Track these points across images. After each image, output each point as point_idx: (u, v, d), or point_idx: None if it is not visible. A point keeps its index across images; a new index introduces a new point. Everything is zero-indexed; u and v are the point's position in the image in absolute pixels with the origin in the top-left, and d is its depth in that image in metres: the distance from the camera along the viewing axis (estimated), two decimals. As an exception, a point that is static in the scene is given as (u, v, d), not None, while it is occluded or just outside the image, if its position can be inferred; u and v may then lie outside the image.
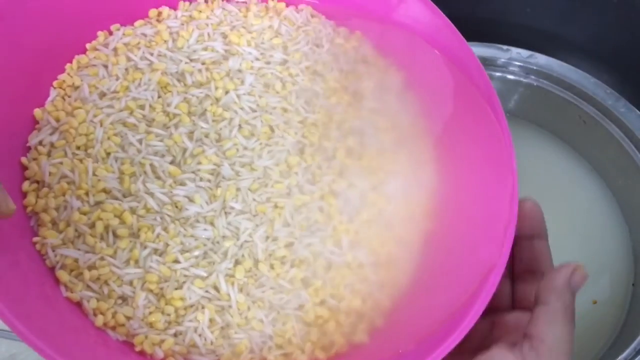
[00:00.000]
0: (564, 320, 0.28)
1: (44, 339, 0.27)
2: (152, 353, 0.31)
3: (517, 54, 0.57)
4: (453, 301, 0.32)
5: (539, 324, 0.29)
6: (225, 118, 0.38)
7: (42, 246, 0.33)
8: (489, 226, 0.33)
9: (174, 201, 0.35)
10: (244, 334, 0.33)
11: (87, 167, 0.35)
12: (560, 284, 0.29)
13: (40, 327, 0.28)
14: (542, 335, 0.28)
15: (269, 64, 0.41)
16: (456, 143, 0.38)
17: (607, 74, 0.56)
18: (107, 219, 0.34)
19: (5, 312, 0.27)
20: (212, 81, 0.39)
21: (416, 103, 0.40)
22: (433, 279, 0.35)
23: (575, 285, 0.29)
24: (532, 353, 0.28)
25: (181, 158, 0.37)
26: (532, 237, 0.33)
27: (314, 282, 0.34)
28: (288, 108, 0.39)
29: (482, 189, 0.35)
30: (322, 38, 0.42)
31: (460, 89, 0.38)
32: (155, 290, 0.33)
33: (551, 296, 0.29)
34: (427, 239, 0.36)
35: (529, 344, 0.28)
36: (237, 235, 0.35)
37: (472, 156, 0.37)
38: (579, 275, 0.29)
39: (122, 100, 0.37)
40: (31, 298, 0.30)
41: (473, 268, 0.33)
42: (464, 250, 0.34)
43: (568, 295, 0.29)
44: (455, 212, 0.36)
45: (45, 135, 0.36)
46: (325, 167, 0.38)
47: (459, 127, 0.38)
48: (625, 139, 0.53)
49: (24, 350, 0.47)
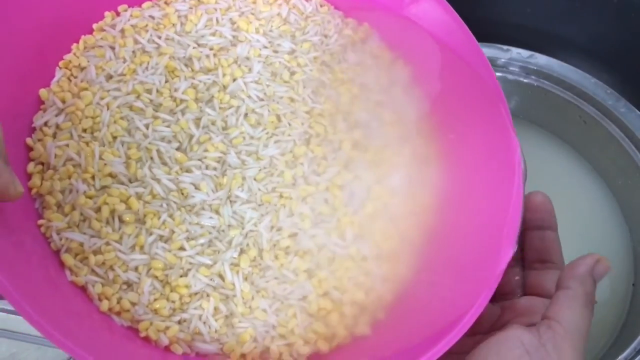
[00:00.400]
0: (583, 305, 0.29)
1: (49, 320, 0.27)
2: (157, 339, 0.32)
3: (518, 54, 0.58)
4: (456, 296, 0.32)
5: (559, 307, 0.29)
6: (232, 106, 0.38)
7: (47, 229, 0.33)
8: (493, 221, 0.33)
9: (180, 188, 0.35)
10: (248, 323, 0.33)
11: (93, 150, 0.34)
12: (584, 271, 0.30)
13: (45, 308, 0.28)
14: (560, 317, 0.29)
15: (277, 52, 0.41)
16: (461, 138, 0.38)
17: (607, 74, 0.57)
18: (113, 203, 0.33)
19: (11, 291, 0.27)
20: (219, 67, 0.39)
21: (422, 97, 0.41)
22: (436, 273, 0.35)
23: (598, 274, 0.30)
24: (549, 332, 0.28)
25: (187, 144, 0.36)
26: (542, 228, 0.34)
27: (318, 273, 0.35)
28: (295, 98, 0.39)
29: (486, 184, 0.36)
30: (331, 29, 0.42)
31: (467, 85, 0.38)
32: (160, 277, 0.33)
33: (574, 282, 0.29)
34: (430, 233, 0.37)
35: (547, 324, 0.29)
36: (242, 225, 0.35)
37: (477, 152, 0.37)
38: (603, 265, 0.30)
39: (129, 83, 0.37)
40: (36, 279, 0.30)
41: (476, 263, 0.33)
42: (467, 244, 0.35)
43: (590, 283, 0.29)
44: (459, 207, 0.37)
45: (50, 116, 0.35)
46: (331, 159, 0.38)
47: (464, 122, 0.38)
48: (626, 139, 0.53)
49: (24, 349, 0.47)
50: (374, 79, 0.41)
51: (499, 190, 0.34)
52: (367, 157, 0.38)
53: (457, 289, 0.33)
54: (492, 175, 0.35)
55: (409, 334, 0.32)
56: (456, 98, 0.39)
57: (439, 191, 0.38)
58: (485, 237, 0.34)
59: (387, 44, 0.43)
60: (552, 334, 0.28)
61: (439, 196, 0.38)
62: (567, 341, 0.28)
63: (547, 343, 0.28)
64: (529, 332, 0.29)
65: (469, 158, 0.37)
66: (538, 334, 0.29)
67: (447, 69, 0.39)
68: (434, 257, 0.36)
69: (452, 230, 0.36)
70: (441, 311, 0.32)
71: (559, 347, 0.28)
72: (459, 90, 0.39)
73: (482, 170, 0.36)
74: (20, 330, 0.47)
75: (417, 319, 0.34)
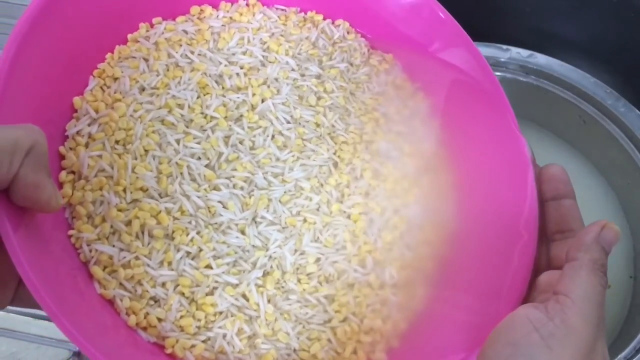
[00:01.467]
0: (591, 273, 0.28)
1: (76, 325, 0.27)
2: (183, 357, 0.32)
3: (517, 54, 0.58)
4: (467, 328, 0.34)
5: (566, 280, 0.29)
6: (260, 126, 0.39)
7: (77, 240, 0.33)
8: (506, 255, 0.35)
9: (208, 206, 0.35)
10: (270, 344, 0.34)
11: (126, 163, 0.35)
12: (589, 239, 0.29)
13: (72, 314, 0.28)
14: (566, 290, 0.28)
15: (304, 76, 0.42)
16: (477, 172, 0.40)
17: (607, 73, 0.56)
18: (143, 218, 0.34)
19: (46, 300, 0.27)
20: (249, 87, 0.39)
21: (440, 129, 0.42)
22: (448, 303, 0.37)
23: (606, 241, 0.29)
24: (556, 306, 0.28)
25: (216, 162, 0.37)
26: (558, 197, 0.34)
27: (339, 299, 0.36)
28: (320, 123, 0.40)
29: (501, 216, 0.37)
30: (357, 57, 0.43)
31: (485, 119, 0.40)
32: (187, 294, 0.33)
33: (579, 252, 0.29)
34: (445, 263, 0.38)
35: (555, 299, 0.28)
36: (267, 246, 0.36)
37: (492, 185, 0.39)
38: (610, 231, 0.29)
39: (162, 97, 0.37)
40: (64, 287, 0.30)
41: (488, 300, 0.35)
42: (480, 278, 0.36)
43: (597, 250, 0.29)
44: (473, 238, 0.38)
45: (83, 125, 0.35)
46: (353, 186, 0.39)
47: (480, 156, 0.40)
48: (625, 139, 0.53)
49: (23, 348, 0.47)
50: (396, 110, 0.42)
51: (513, 224, 0.35)
52: (387, 186, 0.40)
53: (468, 322, 0.34)
54: (506, 208, 0.37)
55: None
56: (472, 130, 0.40)
57: (454, 222, 0.39)
58: (498, 271, 0.35)
59: (408, 75, 0.44)
60: (560, 307, 0.28)
61: (454, 226, 0.39)
62: (576, 312, 0.27)
63: (555, 317, 0.28)
64: (536, 308, 0.29)
65: (484, 189, 0.39)
66: (546, 310, 0.28)
67: (464, 101, 0.41)
68: (448, 287, 0.37)
69: (466, 260, 0.37)
70: (453, 342, 0.34)
71: (567, 319, 0.27)
72: (476, 125, 0.40)
73: (496, 200, 0.38)
74: (20, 330, 0.47)
75: (430, 348, 0.35)
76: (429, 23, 0.42)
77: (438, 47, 0.42)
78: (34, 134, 0.27)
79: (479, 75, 0.40)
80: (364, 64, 0.43)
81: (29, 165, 0.26)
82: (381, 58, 0.44)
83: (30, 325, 0.46)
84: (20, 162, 0.26)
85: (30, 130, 0.27)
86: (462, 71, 0.41)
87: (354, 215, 0.38)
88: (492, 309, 0.34)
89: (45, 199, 0.27)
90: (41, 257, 0.29)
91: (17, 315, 0.47)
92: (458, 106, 0.41)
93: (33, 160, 0.26)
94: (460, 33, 0.41)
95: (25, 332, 0.47)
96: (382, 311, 0.36)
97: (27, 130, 0.27)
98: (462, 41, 0.41)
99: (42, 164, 0.27)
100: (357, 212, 0.38)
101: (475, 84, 0.40)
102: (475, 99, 0.40)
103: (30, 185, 0.27)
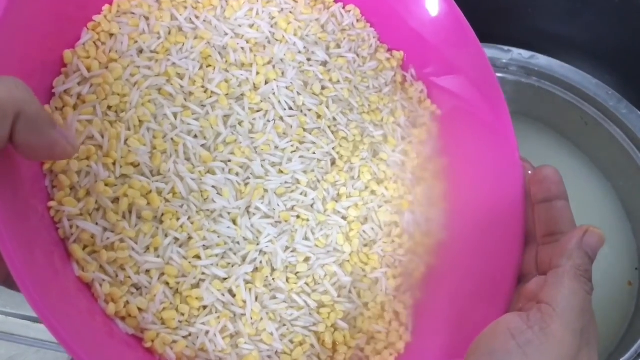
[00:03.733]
0: (572, 280, 0.28)
1: (44, 298, 0.24)
2: (163, 353, 0.30)
3: (519, 55, 0.57)
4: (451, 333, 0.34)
5: (548, 288, 0.28)
6: (262, 109, 0.36)
7: (58, 213, 0.29)
8: (492, 261, 0.35)
9: (202, 189, 0.33)
10: (253, 345, 0.32)
11: (119, 133, 0.31)
12: (572, 245, 0.29)
13: (43, 286, 0.25)
14: (549, 298, 0.28)
15: (310, 60, 0.39)
16: (469, 178, 0.39)
17: (608, 75, 0.56)
18: (133, 197, 0.31)
19: (12, 254, 0.24)
20: (254, 64, 0.37)
21: (441, 136, 0.41)
22: (436, 313, 0.36)
23: (589, 246, 0.29)
24: (537, 315, 0.27)
25: (213, 143, 0.34)
26: (550, 199, 0.33)
27: (327, 303, 0.34)
28: (323, 114, 0.38)
29: (487, 220, 0.37)
30: (365, 49, 0.41)
31: (485, 129, 0.39)
32: (172, 285, 0.31)
33: (562, 259, 0.29)
34: (435, 272, 0.37)
35: (537, 307, 0.28)
36: (258, 240, 0.34)
37: (485, 196, 0.38)
38: (592, 235, 0.29)
39: (162, 63, 0.34)
40: (38, 259, 0.27)
41: (473, 307, 0.35)
42: (466, 284, 0.36)
43: (579, 256, 0.28)
44: (463, 248, 0.37)
45: (73, 83, 0.31)
46: (350, 186, 0.37)
47: (473, 163, 0.39)
48: (627, 140, 0.53)
49: (23, 352, 0.47)
50: (399, 113, 0.41)
51: (499, 229, 0.35)
52: (382, 190, 0.38)
53: (453, 329, 0.34)
54: (494, 212, 0.36)
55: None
56: (472, 139, 0.40)
57: (447, 230, 0.38)
58: (484, 275, 0.35)
59: (413, 76, 0.42)
60: (541, 315, 0.27)
61: (446, 235, 0.38)
62: (557, 321, 0.27)
63: (534, 325, 0.27)
64: (518, 317, 0.28)
65: (477, 201, 0.38)
66: (527, 318, 0.28)
67: (466, 105, 0.40)
68: (436, 296, 0.37)
69: (454, 266, 0.37)
70: (437, 350, 0.34)
71: (546, 327, 0.27)
72: (477, 133, 0.40)
73: (484, 204, 0.37)
74: (20, 333, 0.46)
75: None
76: (443, 24, 0.41)
77: (446, 47, 0.41)
78: (17, 93, 0.23)
79: (480, 78, 0.40)
80: (371, 58, 0.42)
81: (24, 131, 0.23)
82: (389, 54, 0.42)
83: (29, 329, 0.46)
84: (9, 129, 0.23)
85: (12, 91, 0.23)
86: (467, 75, 0.40)
87: (349, 217, 0.36)
88: (477, 315, 0.34)
89: (58, 155, 0.25)
90: (17, 222, 0.26)
91: (16, 319, 0.47)
92: (459, 110, 0.41)
93: (26, 126, 0.23)
94: (470, 36, 0.40)
95: (24, 336, 0.46)
96: (372, 318, 0.35)
97: (8, 92, 0.23)
98: (471, 43, 0.40)
99: (37, 126, 0.24)
100: (353, 215, 0.36)
101: (477, 89, 0.40)
102: (476, 102, 0.40)
103: (35, 149, 0.24)
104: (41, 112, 0.24)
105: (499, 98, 0.39)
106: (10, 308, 0.47)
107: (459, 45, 0.40)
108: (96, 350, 0.27)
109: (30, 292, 0.24)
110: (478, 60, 0.40)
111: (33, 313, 0.23)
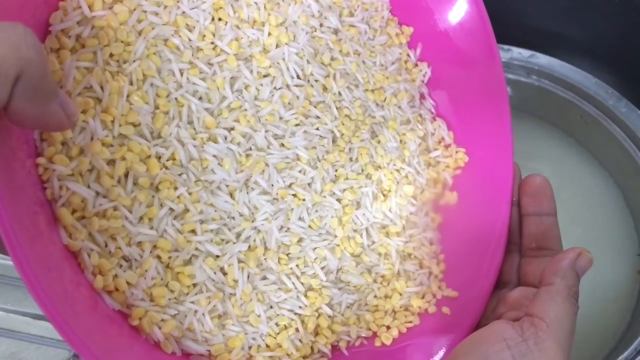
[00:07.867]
0: (566, 300, 0.29)
1: (27, 259, 0.22)
2: (150, 332, 0.28)
3: (519, 54, 0.57)
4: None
5: (541, 303, 0.29)
6: (269, 74, 0.34)
7: (46, 171, 0.26)
8: (474, 263, 0.35)
9: (202, 158, 0.30)
10: (240, 327, 0.31)
11: (121, 87, 0.28)
12: (565, 265, 0.30)
13: (26, 247, 0.23)
14: (542, 313, 0.28)
15: (322, 26, 0.37)
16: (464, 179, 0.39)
17: (608, 74, 0.56)
18: (131, 161, 0.28)
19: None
20: (267, 23, 0.34)
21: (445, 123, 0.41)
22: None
23: (580, 268, 0.30)
24: (531, 329, 0.28)
25: (216, 108, 0.31)
26: (540, 213, 0.34)
27: (315, 286, 0.33)
28: (329, 88, 0.36)
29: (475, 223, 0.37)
30: (377, 20, 0.39)
31: (483, 126, 0.39)
32: (164, 260, 0.29)
33: (555, 277, 0.29)
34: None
35: (529, 321, 0.28)
36: (254, 217, 0.32)
37: (478, 179, 0.38)
38: (584, 259, 0.30)
39: (171, 11, 0.30)
40: (22, 217, 0.24)
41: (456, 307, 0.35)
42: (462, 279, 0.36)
43: (572, 277, 0.29)
44: (458, 229, 0.38)
45: (72, 22, 0.27)
46: (348, 168, 0.36)
47: (471, 164, 0.39)
48: (627, 139, 0.53)
49: (23, 349, 0.46)
50: (403, 94, 0.39)
51: (485, 233, 0.36)
52: (379, 175, 0.37)
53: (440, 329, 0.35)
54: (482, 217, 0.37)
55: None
56: (468, 130, 0.40)
57: (442, 220, 0.38)
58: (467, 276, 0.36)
59: (420, 56, 0.41)
60: (535, 330, 0.28)
61: (440, 224, 0.38)
62: (551, 337, 0.28)
63: (529, 339, 0.28)
64: (512, 326, 0.29)
65: (474, 190, 0.38)
66: (521, 330, 0.28)
67: (468, 93, 0.40)
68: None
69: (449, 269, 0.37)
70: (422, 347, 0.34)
71: (540, 342, 0.27)
72: (473, 123, 0.39)
73: (474, 205, 0.38)
74: (20, 330, 0.46)
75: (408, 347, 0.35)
76: (460, 6, 0.39)
77: (458, 33, 0.40)
78: (22, 50, 0.20)
79: (486, 63, 0.39)
80: (381, 31, 0.39)
81: (21, 98, 0.20)
82: (398, 29, 0.40)
83: (30, 326, 0.45)
84: (8, 93, 0.20)
85: (17, 47, 0.20)
86: (474, 61, 0.39)
87: (344, 200, 0.35)
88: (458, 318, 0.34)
89: (51, 127, 0.23)
90: (4, 173, 0.23)
91: (17, 316, 0.46)
92: (462, 98, 0.40)
93: (25, 93, 0.20)
94: (487, 28, 0.39)
95: (25, 333, 0.45)
96: (358, 305, 0.35)
97: (13, 48, 0.19)
98: (486, 34, 0.39)
99: (38, 95, 0.21)
100: (348, 198, 0.35)
101: (481, 75, 0.39)
102: (477, 91, 0.39)
103: (27, 119, 0.21)
104: (45, 77, 0.21)
105: (502, 97, 0.38)
106: (11, 305, 0.45)
107: (473, 33, 0.39)
108: (78, 319, 0.24)
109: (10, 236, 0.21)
110: (489, 53, 0.39)
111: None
